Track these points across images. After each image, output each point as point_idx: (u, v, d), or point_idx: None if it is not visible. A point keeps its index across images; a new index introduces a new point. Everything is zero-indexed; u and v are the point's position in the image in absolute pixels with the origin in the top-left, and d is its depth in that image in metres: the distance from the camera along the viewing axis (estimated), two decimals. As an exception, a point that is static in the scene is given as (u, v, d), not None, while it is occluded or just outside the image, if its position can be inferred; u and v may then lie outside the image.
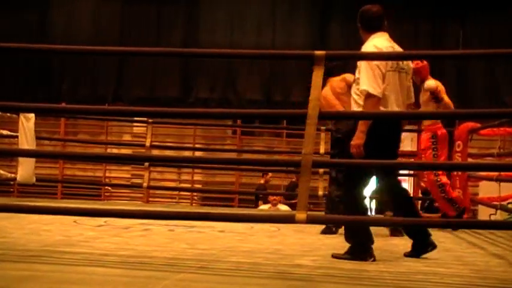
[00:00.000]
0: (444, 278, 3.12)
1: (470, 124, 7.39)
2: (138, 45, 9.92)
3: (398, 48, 3.89)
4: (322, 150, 8.54)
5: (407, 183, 13.45)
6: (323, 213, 6.64)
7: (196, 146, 11.12)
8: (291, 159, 4.38)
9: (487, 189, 7.80)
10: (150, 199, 11.25)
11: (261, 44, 10.63)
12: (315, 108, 3.39)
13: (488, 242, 5.20)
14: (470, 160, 7.43)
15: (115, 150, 10.87)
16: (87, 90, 11.09)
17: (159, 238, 4.44)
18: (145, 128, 8.99)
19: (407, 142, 13.75)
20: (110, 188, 11.45)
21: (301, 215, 3.17)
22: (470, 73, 11.16)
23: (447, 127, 9.40)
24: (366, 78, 3.72)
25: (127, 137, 11.60)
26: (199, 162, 9.03)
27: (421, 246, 3.86)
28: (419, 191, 9.97)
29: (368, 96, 3.70)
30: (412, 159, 10.98)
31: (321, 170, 8.57)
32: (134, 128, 11.50)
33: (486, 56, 7.68)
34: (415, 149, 12.62)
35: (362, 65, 3.77)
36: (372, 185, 7.02)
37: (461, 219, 6.14)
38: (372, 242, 3.72)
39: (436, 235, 5.43)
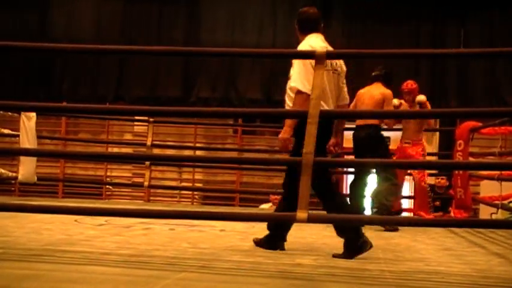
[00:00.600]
0: (445, 277, 3.11)
1: (472, 123, 7.40)
2: (139, 44, 9.92)
3: (330, 48, 3.97)
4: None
5: (407, 183, 13.45)
6: (324, 212, 6.65)
7: (197, 145, 11.11)
8: (292, 159, 4.33)
9: (488, 188, 7.79)
10: (151, 198, 11.25)
11: (261, 43, 10.62)
12: (316, 107, 3.39)
13: (489, 241, 5.19)
14: (471, 159, 7.42)
15: (116, 150, 10.86)
16: (88, 90, 11.08)
17: (160, 237, 4.43)
18: (146, 127, 8.98)
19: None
20: (110, 187, 11.45)
21: (302, 214, 3.16)
22: (471, 72, 11.15)
23: (448, 126, 9.40)
24: (298, 76, 3.85)
25: (128, 136, 11.59)
26: (200, 161, 9.01)
27: (354, 247, 3.75)
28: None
29: (298, 92, 3.81)
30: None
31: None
32: (135, 127, 11.50)
33: (484, 55, 7.67)
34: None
35: (295, 62, 3.89)
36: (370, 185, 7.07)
37: (464, 219, 6.14)
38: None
39: (438, 235, 5.44)
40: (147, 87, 11.10)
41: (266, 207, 9.32)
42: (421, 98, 6.67)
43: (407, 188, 13.27)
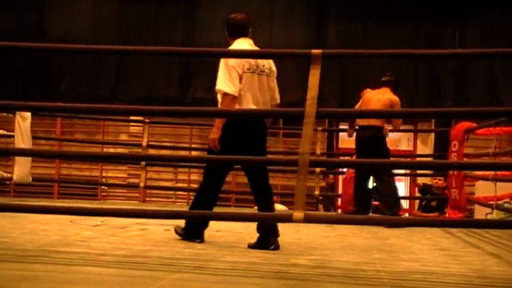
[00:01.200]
0: (441, 278, 3.11)
1: (467, 124, 7.41)
2: (136, 45, 9.90)
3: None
4: (318, 151, 8.58)
5: (403, 183, 13.48)
6: (320, 212, 6.68)
7: (193, 145, 11.11)
8: (288, 159, 4.35)
9: (483, 188, 7.80)
10: (147, 199, 11.24)
11: (258, 43, 10.62)
12: (312, 107, 3.39)
13: (484, 241, 5.20)
14: (466, 160, 7.43)
15: (111, 150, 10.85)
16: (86, 90, 11.07)
17: (156, 238, 4.43)
18: (141, 128, 8.97)
19: (404, 141, 13.78)
20: (106, 188, 11.43)
21: (298, 214, 3.16)
22: (469, 73, 11.19)
23: (444, 127, 9.40)
24: (222, 78, 4.07)
25: (123, 137, 11.58)
26: (196, 162, 8.99)
27: (264, 243, 4.01)
28: (416, 190, 9.96)
29: (224, 94, 4.04)
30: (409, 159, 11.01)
31: (318, 170, 8.61)
32: (131, 128, 11.49)
33: (480, 56, 7.68)
34: (411, 148, 12.68)
35: (221, 65, 4.10)
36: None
37: (459, 219, 6.15)
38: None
39: (433, 235, 5.45)
40: (144, 87, 11.10)
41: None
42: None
43: (402, 188, 13.33)
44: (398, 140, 14.29)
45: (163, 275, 2.82)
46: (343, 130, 11.96)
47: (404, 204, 13.18)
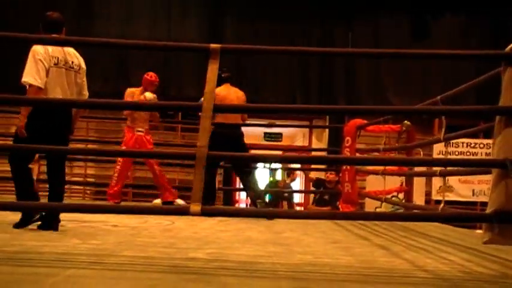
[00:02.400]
0: (332, 269, 3.21)
1: (358, 121, 7.69)
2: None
3: (67, 48, 4.48)
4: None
5: (298, 178, 13.79)
6: (218, 206, 6.71)
7: (90, 138, 10.81)
8: (186, 152, 4.33)
9: (373, 183, 8.12)
10: (41, 193, 10.80)
11: (156, 36, 10.51)
12: (209, 101, 3.39)
13: (374, 233, 5.41)
14: (358, 155, 7.70)
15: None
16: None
17: (49, 233, 4.28)
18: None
19: (299, 137, 14.09)
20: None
21: (195, 207, 3.15)
22: (358, 73, 11.61)
23: (337, 123, 9.69)
24: (29, 70, 4.30)
25: (14, 129, 11.07)
26: (91, 154, 8.77)
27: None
28: (311, 184, 10.21)
29: (30, 86, 4.28)
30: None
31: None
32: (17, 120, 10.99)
33: (371, 56, 7.98)
34: (306, 143, 12.97)
35: (29, 58, 4.33)
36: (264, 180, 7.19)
37: (350, 212, 6.36)
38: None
39: (327, 228, 5.61)
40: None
41: (159, 202, 9.22)
42: (150, 96, 6.95)
43: (297, 184, 13.61)
44: (294, 136, 14.61)
45: (57, 272, 2.73)
46: (242, 125, 12.13)
47: (299, 198, 13.51)
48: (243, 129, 6.88)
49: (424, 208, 6.42)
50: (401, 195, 8.10)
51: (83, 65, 4.61)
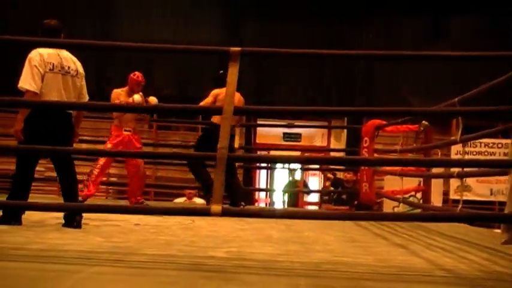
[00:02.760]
0: (352, 268, 3.20)
1: (377, 121, 7.64)
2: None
3: (64, 54, 4.57)
4: (236, 145, 8.61)
5: (317, 177, 13.76)
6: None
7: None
8: (207, 153, 4.36)
9: (391, 182, 8.07)
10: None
11: (172, 39, 10.56)
12: (230, 103, 3.40)
13: (392, 232, 5.38)
14: (376, 155, 7.66)
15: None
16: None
17: (73, 231, 4.31)
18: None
19: (318, 137, 14.06)
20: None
21: (216, 208, 3.16)
22: (376, 74, 11.56)
23: (356, 124, 9.64)
24: (25, 76, 4.43)
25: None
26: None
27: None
28: (329, 184, 10.18)
29: (26, 91, 4.41)
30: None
31: (236, 164, 8.64)
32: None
33: (390, 58, 7.95)
34: (325, 143, 12.94)
35: (26, 64, 4.47)
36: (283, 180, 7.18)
37: (369, 212, 6.33)
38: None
39: (345, 227, 5.59)
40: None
41: (181, 200, 9.27)
42: (138, 99, 6.71)
43: (316, 184, 13.59)
44: (313, 136, 14.58)
45: (80, 269, 2.75)
46: (261, 125, 12.16)
47: (318, 197, 13.49)
48: (261, 128, 6.91)
49: (442, 208, 6.37)
50: (419, 195, 8.04)
51: (80, 70, 4.70)
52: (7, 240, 3.66)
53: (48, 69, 4.49)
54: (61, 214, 4.64)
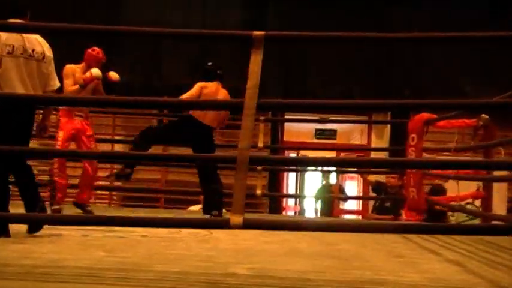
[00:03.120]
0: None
1: (426, 115, 7.55)
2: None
3: (29, 37, 4.55)
4: (260, 144, 8.62)
5: (355, 182, 13.73)
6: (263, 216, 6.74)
7: (116, 137, 10.99)
8: (226, 155, 4.38)
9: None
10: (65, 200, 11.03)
11: (190, 23, 10.62)
12: (253, 97, 3.41)
13: (445, 246, 5.35)
14: (425, 155, 7.60)
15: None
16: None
17: (71, 244, 4.37)
18: (54, 117, 8.75)
19: (356, 135, 14.01)
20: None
21: (236, 219, 3.16)
22: (425, 59, 11.48)
23: (401, 118, 9.59)
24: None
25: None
26: (119, 158, 8.89)
27: None
28: (369, 189, 10.15)
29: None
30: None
31: (260, 167, 8.66)
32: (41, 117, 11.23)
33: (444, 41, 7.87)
34: (364, 142, 12.90)
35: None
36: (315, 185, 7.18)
37: (416, 224, 6.29)
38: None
39: (388, 240, 5.57)
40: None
41: (195, 209, 9.31)
42: (97, 72, 6.58)
43: (354, 189, 13.57)
44: (350, 133, 14.53)
45: (80, 288, 2.80)
46: (290, 120, 12.15)
47: (356, 205, 13.45)
48: (289, 123, 6.93)
49: (506, 218, 6.32)
50: (477, 202, 7.98)
51: (48, 53, 4.69)
52: (-5, 254, 3.73)
53: (6, 52, 4.47)
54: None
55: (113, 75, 6.74)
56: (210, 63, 7.09)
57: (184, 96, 6.69)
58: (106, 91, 6.68)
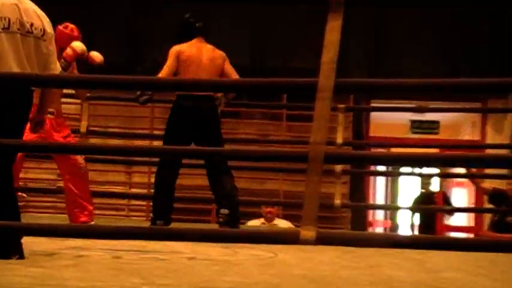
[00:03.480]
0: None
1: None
2: None
3: (25, 5, 4.62)
4: (339, 139, 8.56)
5: (465, 190, 13.55)
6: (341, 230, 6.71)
7: (155, 132, 11.10)
8: (294, 151, 4.33)
9: None
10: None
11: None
12: (329, 75, 3.37)
13: None
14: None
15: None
16: None
17: (99, 268, 4.43)
18: (79, 107, 8.92)
19: (467, 127, 13.85)
20: (25, 195, 11.40)
21: (307, 233, 3.14)
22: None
23: None
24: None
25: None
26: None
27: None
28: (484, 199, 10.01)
29: None
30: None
31: (339, 167, 8.61)
32: (64, 107, 11.46)
33: None
34: (477, 137, 12.73)
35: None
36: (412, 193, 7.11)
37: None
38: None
39: (510, 264, 5.47)
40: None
41: (256, 223, 9.35)
42: (78, 45, 6.60)
43: (464, 199, 13.40)
44: (458, 125, 14.36)
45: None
46: (378, 109, 12.06)
47: (469, 219, 13.27)
48: (376, 114, 6.86)
49: None
50: None
51: (49, 29, 4.76)
52: (6, 282, 3.79)
53: (2, 27, 4.52)
54: (80, 243, 4.78)
55: (96, 56, 6.73)
56: (187, 15, 6.95)
57: (162, 72, 6.73)
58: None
